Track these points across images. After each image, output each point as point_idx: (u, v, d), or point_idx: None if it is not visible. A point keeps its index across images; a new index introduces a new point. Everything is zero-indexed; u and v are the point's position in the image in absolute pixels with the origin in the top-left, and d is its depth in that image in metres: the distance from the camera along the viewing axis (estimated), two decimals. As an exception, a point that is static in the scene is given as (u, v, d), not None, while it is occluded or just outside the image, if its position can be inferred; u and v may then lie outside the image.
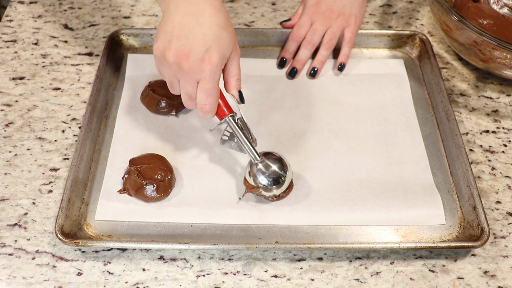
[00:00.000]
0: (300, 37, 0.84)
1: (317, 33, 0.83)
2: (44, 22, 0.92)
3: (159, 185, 0.67)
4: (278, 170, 0.66)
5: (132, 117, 0.77)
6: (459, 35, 0.79)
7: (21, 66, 0.85)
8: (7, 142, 0.75)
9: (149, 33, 0.87)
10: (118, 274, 0.62)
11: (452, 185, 0.71)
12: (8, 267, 0.63)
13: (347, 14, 0.83)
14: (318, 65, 0.83)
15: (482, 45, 0.76)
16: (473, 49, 0.78)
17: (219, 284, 0.62)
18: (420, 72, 0.85)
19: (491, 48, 0.75)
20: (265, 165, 0.67)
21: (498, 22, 0.83)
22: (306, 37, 0.83)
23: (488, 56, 0.77)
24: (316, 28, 0.83)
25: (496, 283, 0.63)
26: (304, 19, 0.84)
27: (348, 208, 0.68)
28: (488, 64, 0.79)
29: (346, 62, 0.84)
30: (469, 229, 0.66)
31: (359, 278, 0.63)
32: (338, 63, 0.84)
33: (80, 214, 0.66)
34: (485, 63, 0.80)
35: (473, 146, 0.76)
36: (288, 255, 0.64)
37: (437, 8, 0.80)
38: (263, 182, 0.66)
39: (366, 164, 0.73)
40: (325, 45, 0.83)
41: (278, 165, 0.67)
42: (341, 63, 0.84)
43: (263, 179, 0.66)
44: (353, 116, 0.79)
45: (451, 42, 0.84)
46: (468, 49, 0.79)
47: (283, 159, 0.68)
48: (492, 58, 0.77)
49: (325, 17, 0.83)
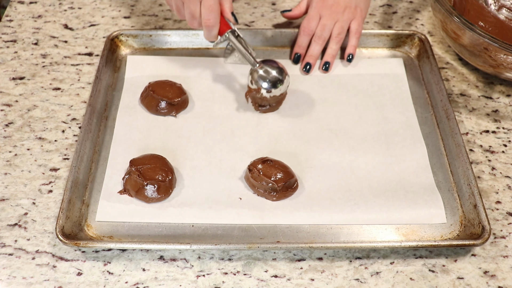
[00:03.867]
0: (311, 31, 0.85)
1: (326, 28, 0.84)
2: (44, 22, 0.92)
3: (160, 185, 0.67)
4: (277, 74, 0.76)
5: (132, 117, 0.77)
6: (469, 42, 0.78)
7: (21, 66, 0.85)
8: (7, 142, 0.75)
9: (148, 34, 0.87)
10: (118, 274, 0.62)
11: (452, 183, 0.71)
12: (8, 267, 0.62)
13: (353, 7, 0.84)
14: (330, 59, 0.84)
15: (492, 52, 0.76)
16: (483, 56, 0.78)
17: (219, 284, 0.62)
18: (419, 72, 0.85)
19: (503, 54, 0.75)
20: (265, 70, 0.76)
21: (499, 25, 0.83)
22: (316, 32, 0.85)
23: (499, 62, 0.77)
24: (325, 23, 0.84)
25: (496, 283, 0.63)
26: (312, 12, 0.85)
27: (349, 207, 0.68)
28: (499, 69, 0.79)
29: (354, 53, 0.85)
30: (470, 228, 0.66)
31: (359, 278, 0.63)
32: (347, 54, 0.85)
33: (81, 215, 0.66)
34: (495, 68, 0.79)
35: (473, 146, 0.76)
36: (288, 255, 0.64)
37: (447, 18, 0.79)
38: (264, 85, 0.76)
39: (367, 163, 0.73)
40: (335, 39, 0.84)
41: (277, 70, 0.76)
42: (349, 54, 0.85)
43: (263, 82, 0.76)
44: (353, 115, 0.79)
45: (458, 48, 0.83)
46: (478, 55, 0.79)
47: (281, 66, 0.76)
48: (503, 64, 0.77)
49: (332, 11, 0.84)
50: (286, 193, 0.68)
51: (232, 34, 0.76)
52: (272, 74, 0.76)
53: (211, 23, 0.73)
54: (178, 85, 0.79)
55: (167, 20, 0.93)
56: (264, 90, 0.76)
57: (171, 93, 0.77)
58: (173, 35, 0.87)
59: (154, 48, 0.88)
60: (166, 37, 0.87)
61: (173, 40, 0.88)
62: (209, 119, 0.78)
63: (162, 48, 0.88)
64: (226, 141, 0.75)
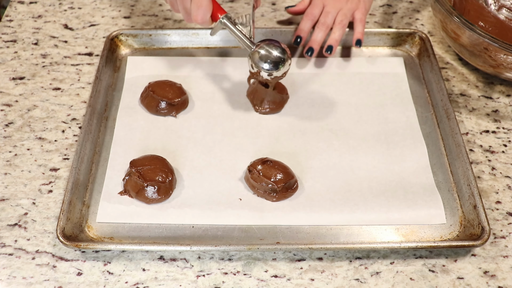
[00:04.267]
0: (315, 16, 0.86)
1: (329, 15, 0.85)
2: (44, 22, 0.92)
3: (160, 186, 0.67)
4: (278, 54, 0.73)
5: (132, 118, 0.77)
6: (469, 42, 0.78)
7: (21, 66, 0.85)
8: (7, 142, 0.75)
9: (148, 34, 0.87)
10: (118, 274, 0.62)
11: (452, 184, 0.71)
12: (8, 267, 0.63)
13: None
14: (333, 43, 0.85)
15: (493, 52, 0.76)
16: (483, 56, 0.78)
17: (219, 284, 0.62)
18: (419, 71, 0.85)
19: (503, 54, 0.75)
20: (264, 51, 0.72)
21: (499, 25, 0.83)
22: (319, 19, 0.85)
23: (499, 62, 0.77)
24: (329, 11, 0.85)
25: (496, 283, 0.63)
26: (316, 1, 0.87)
27: (349, 208, 0.68)
28: (499, 69, 0.79)
29: (362, 38, 0.86)
30: (469, 228, 0.66)
31: (359, 278, 0.63)
32: (355, 39, 0.85)
33: (81, 216, 0.66)
34: (495, 68, 0.79)
35: (473, 146, 0.76)
36: (288, 255, 0.64)
37: (447, 18, 0.79)
38: (265, 67, 0.73)
39: (367, 163, 0.73)
40: (338, 25, 0.85)
41: (278, 50, 0.73)
42: (357, 39, 0.85)
43: (263, 64, 0.73)
44: (353, 115, 0.79)
45: (458, 48, 0.83)
46: (478, 55, 0.79)
47: (282, 45, 0.73)
48: (503, 64, 0.77)
49: (336, 0, 0.86)
50: (286, 194, 0.68)
51: (226, 19, 0.73)
52: (272, 55, 0.73)
53: (199, 19, 0.70)
54: (178, 85, 0.79)
55: (167, 20, 0.93)
56: (265, 73, 0.73)
57: (171, 93, 0.77)
58: (173, 35, 0.87)
59: (154, 48, 0.88)
60: (166, 37, 0.87)
61: (173, 40, 0.88)
62: (209, 119, 0.78)
63: (162, 47, 0.88)
64: (226, 141, 0.75)
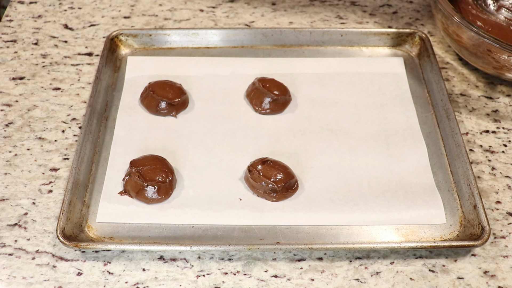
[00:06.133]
0: None
1: None
2: (44, 22, 0.92)
3: (160, 186, 0.67)
4: None
5: (132, 118, 0.77)
6: (471, 44, 0.78)
7: (21, 66, 0.85)
8: (7, 142, 0.75)
9: (148, 33, 0.87)
10: (118, 274, 0.63)
11: (452, 184, 0.71)
12: (8, 267, 0.63)
13: None
14: None
15: (496, 53, 0.76)
16: (486, 57, 0.78)
17: (219, 284, 0.62)
18: (419, 71, 0.85)
19: (507, 56, 0.75)
20: None
21: (498, 26, 0.83)
22: None
23: (502, 63, 0.77)
24: None
25: (496, 283, 0.63)
26: None
27: (349, 208, 0.68)
28: (501, 71, 0.79)
29: None
30: (469, 228, 0.66)
31: (359, 278, 0.63)
32: None
33: (81, 216, 0.67)
34: (498, 70, 0.79)
35: (473, 146, 0.76)
36: (288, 255, 0.64)
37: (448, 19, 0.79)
38: None
39: (367, 163, 0.73)
40: None
41: None
42: None
43: None
44: (353, 115, 0.79)
45: (460, 50, 0.83)
46: (480, 57, 0.79)
47: None
48: (506, 65, 0.77)
49: None
50: (286, 194, 0.68)
51: None
52: None
53: None
54: (178, 85, 0.79)
55: (167, 20, 0.93)
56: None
57: (171, 93, 0.77)
58: (173, 35, 0.87)
59: (154, 48, 0.88)
60: (166, 37, 0.87)
61: (173, 40, 0.88)
62: (209, 119, 0.78)
63: (162, 47, 0.88)
64: (226, 141, 0.75)
